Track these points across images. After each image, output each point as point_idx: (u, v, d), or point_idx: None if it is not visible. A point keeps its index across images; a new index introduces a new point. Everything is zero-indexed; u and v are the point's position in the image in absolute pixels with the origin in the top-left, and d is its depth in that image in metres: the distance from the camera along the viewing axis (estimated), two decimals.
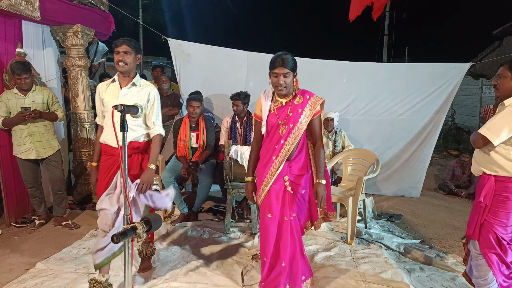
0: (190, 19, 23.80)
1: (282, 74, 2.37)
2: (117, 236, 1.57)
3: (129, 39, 2.66)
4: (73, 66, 4.47)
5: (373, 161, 4.09)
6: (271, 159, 2.50)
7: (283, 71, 2.36)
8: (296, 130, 2.46)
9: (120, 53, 2.61)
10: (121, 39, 2.65)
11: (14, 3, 3.42)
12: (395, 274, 3.01)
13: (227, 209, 3.87)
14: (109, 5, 4.92)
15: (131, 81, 2.69)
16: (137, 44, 2.70)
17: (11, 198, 3.95)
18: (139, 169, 2.71)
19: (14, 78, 3.65)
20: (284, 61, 2.36)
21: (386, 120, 5.29)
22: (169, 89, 5.37)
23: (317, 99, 2.49)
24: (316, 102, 2.48)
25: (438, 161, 8.13)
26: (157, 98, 2.76)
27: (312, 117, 2.49)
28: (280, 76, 2.37)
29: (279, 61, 2.36)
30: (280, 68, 2.35)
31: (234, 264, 3.16)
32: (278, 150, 2.49)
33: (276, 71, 2.37)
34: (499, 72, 2.34)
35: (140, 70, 14.86)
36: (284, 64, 2.35)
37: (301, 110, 2.46)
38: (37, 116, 3.68)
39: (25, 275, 2.91)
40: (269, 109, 2.52)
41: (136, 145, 2.72)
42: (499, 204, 2.30)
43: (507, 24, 12.88)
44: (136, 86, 2.70)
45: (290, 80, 2.40)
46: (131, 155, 2.70)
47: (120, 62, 2.61)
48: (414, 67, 5.53)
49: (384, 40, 16.81)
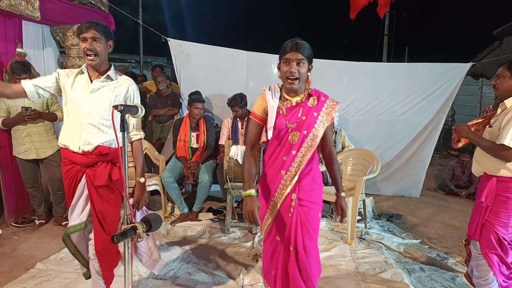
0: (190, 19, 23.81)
1: (295, 60, 1.93)
2: (117, 236, 1.57)
3: (97, 22, 2.19)
4: (73, 66, 4.47)
5: (373, 161, 4.09)
6: (279, 174, 2.06)
7: (297, 56, 1.92)
8: (310, 139, 2.01)
9: (87, 40, 2.13)
10: (86, 22, 2.17)
11: (14, 3, 3.42)
12: (395, 274, 3.01)
13: (227, 209, 3.87)
14: (109, 5, 4.92)
15: (105, 73, 2.25)
16: (107, 28, 2.23)
17: (11, 198, 3.95)
18: (107, 179, 2.26)
19: (14, 78, 3.65)
20: (299, 46, 1.93)
21: (387, 120, 5.29)
22: (167, 89, 5.36)
23: (333, 102, 2.09)
24: (333, 107, 2.07)
25: (438, 161, 8.13)
26: (137, 96, 2.34)
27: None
28: (292, 63, 1.93)
29: (293, 45, 1.93)
30: (293, 53, 1.92)
31: (234, 264, 3.16)
32: (289, 163, 2.04)
33: (288, 56, 1.93)
34: (498, 72, 2.34)
35: (140, 70, 14.85)
36: (298, 49, 1.92)
37: (317, 114, 2.02)
38: (37, 117, 3.68)
39: (25, 275, 2.91)
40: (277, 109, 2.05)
41: (105, 151, 2.24)
42: (500, 205, 2.30)
43: (507, 24, 12.86)
44: (113, 80, 2.27)
45: (305, 71, 1.96)
46: (96, 163, 2.26)
47: (88, 52, 2.13)
48: (414, 67, 5.52)
49: (384, 40, 16.80)
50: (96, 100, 2.22)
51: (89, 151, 2.23)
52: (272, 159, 2.11)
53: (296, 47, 1.93)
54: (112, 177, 2.28)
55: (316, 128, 2.02)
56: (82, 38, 2.14)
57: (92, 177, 2.25)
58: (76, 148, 2.22)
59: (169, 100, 5.28)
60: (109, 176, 2.27)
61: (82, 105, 2.21)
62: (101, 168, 2.26)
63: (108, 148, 2.24)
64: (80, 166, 2.27)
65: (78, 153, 2.22)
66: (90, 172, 2.26)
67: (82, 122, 2.20)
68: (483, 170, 2.39)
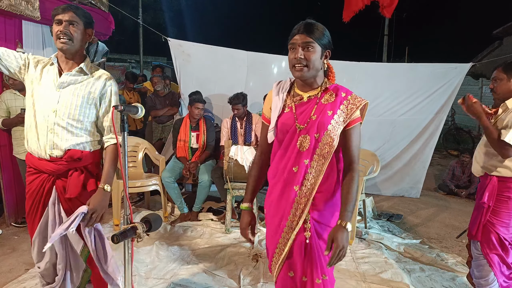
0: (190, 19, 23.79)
1: (301, 44, 1.54)
2: (117, 236, 1.56)
3: (77, 6, 1.92)
4: None
5: (373, 161, 4.09)
6: (292, 191, 1.62)
7: (304, 39, 1.54)
8: (325, 143, 1.58)
9: (63, 22, 1.83)
10: (65, 4, 1.90)
11: (14, 3, 3.42)
12: (395, 274, 3.01)
13: (227, 209, 3.87)
14: (109, 5, 4.92)
15: (77, 65, 1.92)
16: (88, 14, 1.93)
17: (11, 198, 3.94)
18: (80, 190, 1.94)
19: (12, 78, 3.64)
20: (308, 27, 1.55)
21: (387, 120, 5.29)
22: (164, 89, 5.36)
23: (357, 99, 1.63)
24: (355, 104, 1.61)
25: (438, 161, 8.13)
26: (115, 93, 2.02)
27: (347, 127, 1.61)
28: (298, 48, 1.55)
29: (300, 27, 1.56)
30: (300, 35, 1.55)
31: (234, 264, 3.15)
32: (301, 175, 1.60)
33: (294, 40, 1.56)
34: (494, 76, 2.33)
35: (140, 70, 14.83)
36: (307, 31, 1.54)
37: (332, 112, 1.59)
38: None
39: (25, 275, 2.91)
40: (283, 105, 1.67)
41: (77, 155, 1.93)
42: (501, 205, 2.30)
43: (507, 24, 12.87)
44: (87, 74, 1.95)
45: (316, 56, 1.56)
46: (67, 171, 1.94)
47: (61, 35, 1.82)
48: (415, 67, 5.52)
49: (384, 40, 16.78)
50: (64, 97, 1.90)
51: (58, 157, 1.91)
52: (279, 171, 1.66)
53: (304, 29, 1.55)
54: (87, 188, 1.96)
55: (330, 130, 1.57)
56: (57, 21, 1.83)
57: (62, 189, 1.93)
58: (42, 153, 1.90)
59: (167, 100, 5.29)
60: (83, 187, 1.95)
61: (47, 101, 1.89)
62: (73, 178, 1.93)
63: (80, 152, 1.94)
64: (48, 175, 1.93)
65: (45, 159, 1.90)
66: (60, 183, 1.94)
67: (48, 122, 1.88)
68: (484, 170, 2.39)
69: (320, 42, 1.57)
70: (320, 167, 1.59)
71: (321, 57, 1.60)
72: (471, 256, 2.53)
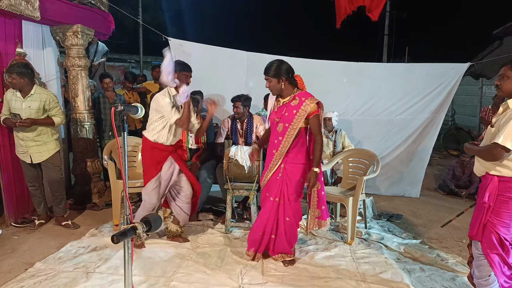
0: (190, 19, 23.79)
1: (266, 79, 2.92)
2: (116, 236, 1.57)
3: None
4: (73, 66, 4.47)
5: (373, 161, 4.08)
6: (272, 152, 3.02)
7: (265, 77, 2.92)
8: (291, 129, 2.90)
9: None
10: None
11: (14, 3, 3.42)
12: (395, 274, 3.01)
13: (227, 209, 3.87)
14: (109, 5, 4.92)
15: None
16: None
17: (11, 198, 3.94)
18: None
19: (11, 77, 3.63)
20: (266, 69, 2.91)
21: (384, 120, 5.29)
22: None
23: (312, 101, 2.87)
24: (310, 104, 2.87)
25: (438, 161, 8.13)
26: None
27: (308, 117, 2.88)
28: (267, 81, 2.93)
29: (265, 69, 2.91)
30: (265, 74, 2.92)
31: (234, 264, 3.16)
32: (278, 145, 2.97)
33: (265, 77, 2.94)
34: (501, 72, 2.31)
35: (140, 70, 14.84)
36: (265, 72, 2.91)
37: (296, 111, 2.88)
38: (29, 125, 3.59)
39: (24, 274, 2.91)
40: (273, 107, 3.03)
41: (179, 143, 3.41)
42: (502, 205, 2.29)
43: (507, 24, 12.87)
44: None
45: (273, 84, 2.90)
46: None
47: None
48: (412, 67, 5.53)
49: (384, 40, 16.79)
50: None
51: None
52: (270, 142, 3.07)
53: (265, 70, 2.91)
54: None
55: (294, 122, 2.89)
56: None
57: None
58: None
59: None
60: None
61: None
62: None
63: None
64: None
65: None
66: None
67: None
68: (485, 170, 2.38)
69: (274, 77, 2.89)
70: (287, 142, 2.93)
71: (278, 83, 2.90)
72: (472, 256, 2.53)
